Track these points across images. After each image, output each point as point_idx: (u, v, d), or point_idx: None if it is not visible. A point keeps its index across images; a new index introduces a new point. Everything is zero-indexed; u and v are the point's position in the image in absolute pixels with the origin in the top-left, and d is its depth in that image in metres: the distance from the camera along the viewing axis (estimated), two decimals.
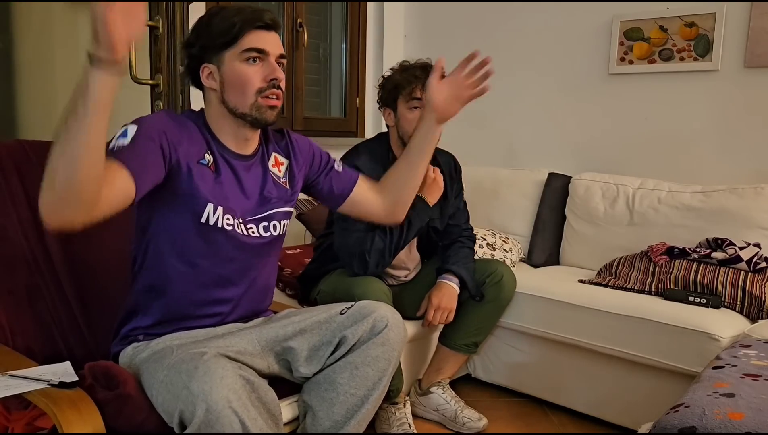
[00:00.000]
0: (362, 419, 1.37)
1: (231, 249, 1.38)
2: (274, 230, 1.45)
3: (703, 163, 2.59)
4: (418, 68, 1.96)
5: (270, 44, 1.34)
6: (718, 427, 1.13)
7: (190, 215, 1.33)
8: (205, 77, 1.36)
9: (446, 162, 2.14)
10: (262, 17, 1.33)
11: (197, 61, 1.36)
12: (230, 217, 1.36)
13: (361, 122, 3.44)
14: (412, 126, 1.92)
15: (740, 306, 2.02)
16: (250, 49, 1.32)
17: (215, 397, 1.08)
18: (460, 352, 2.12)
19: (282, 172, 1.49)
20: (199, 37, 1.35)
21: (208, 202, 1.32)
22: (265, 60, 1.33)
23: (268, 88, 1.33)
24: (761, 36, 2.41)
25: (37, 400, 1.17)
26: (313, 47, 3.25)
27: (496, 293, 2.06)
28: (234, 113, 1.35)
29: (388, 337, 1.37)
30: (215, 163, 1.36)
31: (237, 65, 1.32)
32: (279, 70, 1.35)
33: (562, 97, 2.96)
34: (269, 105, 1.34)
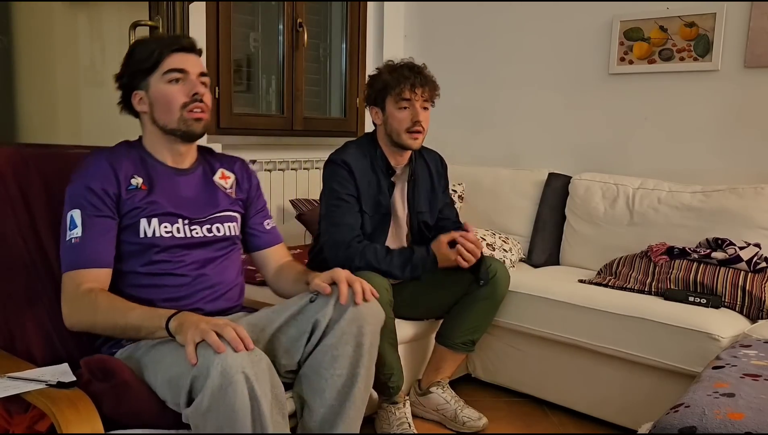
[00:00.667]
0: (359, 399, 1.39)
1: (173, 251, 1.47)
2: (218, 232, 1.55)
3: (703, 163, 2.59)
4: (406, 68, 1.99)
5: (190, 64, 1.48)
6: (718, 427, 1.13)
7: (130, 238, 1.44)
8: (136, 103, 1.50)
9: (432, 159, 2.19)
10: (179, 41, 1.49)
11: (128, 89, 1.50)
12: (168, 224, 1.46)
13: (361, 122, 3.44)
14: (402, 125, 1.97)
15: (740, 306, 2.01)
16: (171, 70, 1.45)
17: (230, 361, 1.12)
18: (457, 351, 2.12)
19: (229, 185, 1.62)
20: (126, 68, 1.50)
21: (141, 219, 1.44)
22: (187, 79, 1.46)
23: (192, 102, 1.46)
24: (761, 36, 2.41)
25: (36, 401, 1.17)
26: (313, 47, 3.25)
27: (491, 290, 2.06)
28: (164, 130, 1.49)
29: (357, 312, 1.39)
30: (148, 179, 1.48)
31: (161, 86, 1.46)
32: (200, 85, 1.48)
33: (562, 97, 2.96)
34: (194, 117, 1.47)
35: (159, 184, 1.48)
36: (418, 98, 1.96)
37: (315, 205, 2.77)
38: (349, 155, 1.99)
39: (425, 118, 2.00)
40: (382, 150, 2.05)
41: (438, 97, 2.04)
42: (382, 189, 2.02)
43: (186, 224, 1.49)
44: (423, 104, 1.99)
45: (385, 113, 2.01)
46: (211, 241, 1.53)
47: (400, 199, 2.10)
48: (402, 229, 2.13)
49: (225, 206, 1.57)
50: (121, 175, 1.44)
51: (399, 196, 2.10)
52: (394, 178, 2.07)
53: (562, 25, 2.92)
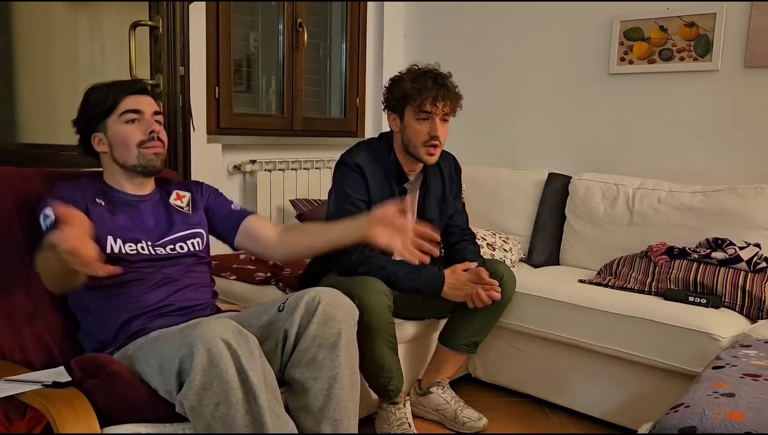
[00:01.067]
0: (343, 398, 1.39)
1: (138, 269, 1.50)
2: (182, 250, 1.60)
3: (703, 163, 2.59)
4: (430, 78, 1.91)
5: (144, 105, 1.56)
6: (718, 427, 1.13)
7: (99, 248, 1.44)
8: (96, 144, 1.57)
9: (446, 162, 2.14)
10: (132, 85, 1.59)
11: (87, 132, 1.57)
12: (132, 244, 1.51)
13: (361, 122, 3.44)
14: (419, 137, 1.92)
15: (740, 306, 2.01)
16: (127, 111, 1.54)
17: (214, 337, 1.16)
18: (459, 352, 2.12)
19: (185, 203, 1.69)
20: (83, 113, 1.57)
21: (108, 235, 1.48)
22: (142, 118, 1.55)
23: (148, 141, 1.54)
24: (761, 36, 2.41)
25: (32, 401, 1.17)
26: (313, 47, 3.25)
27: None
28: (125, 167, 1.56)
29: (325, 312, 1.40)
30: (111, 205, 1.54)
31: (119, 127, 1.54)
32: (155, 124, 1.56)
33: (562, 97, 2.96)
34: (153, 152, 1.55)
35: (121, 211, 1.55)
36: (438, 112, 1.90)
37: (315, 205, 2.77)
38: (362, 158, 1.95)
39: (444, 132, 1.94)
40: (396, 156, 2.01)
41: (460, 108, 1.98)
42: (394, 197, 2.00)
43: (149, 246, 1.54)
44: (443, 117, 1.93)
45: (403, 122, 1.95)
46: (176, 256, 1.57)
47: (410, 206, 2.09)
48: None
49: (184, 226, 1.63)
50: (87, 196, 1.52)
51: (409, 203, 2.08)
52: (406, 185, 2.05)
53: (562, 25, 2.92)
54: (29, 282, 1.50)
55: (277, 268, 2.37)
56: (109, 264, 1.42)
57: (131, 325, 1.47)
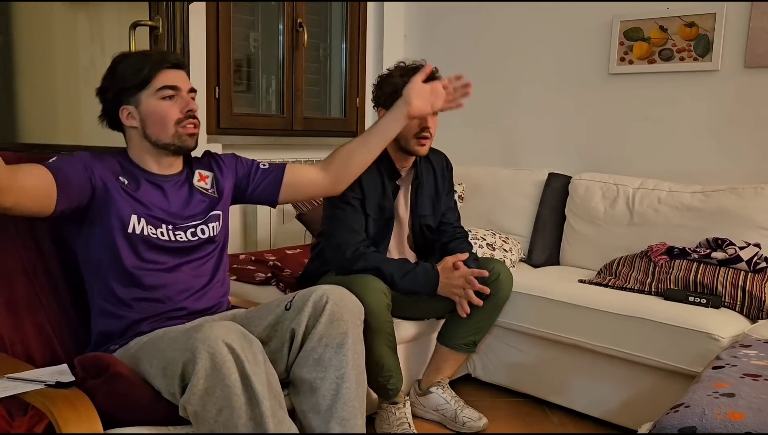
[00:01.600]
0: (351, 398, 1.37)
1: (156, 254, 1.48)
2: (202, 234, 1.57)
3: (703, 163, 2.59)
4: None
5: (180, 81, 1.51)
6: (718, 427, 1.13)
7: (118, 227, 1.45)
8: (124, 118, 1.51)
9: (438, 159, 2.17)
10: (168, 58, 1.51)
11: (114, 105, 1.51)
12: (153, 227, 1.48)
13: (361, 122, 3.44)
14: (410, 131, 1.94)
15: (740, 306, 2.01)
16: (165, 87, 1.48)
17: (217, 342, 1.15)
18: (459, 352, 2.12)
19: (209, 184, 1.64)
20: (112, 82, 1.50)
21: (132, 213, 1.46)
22: (179, 95, 1.50)
23: (186, 119, 1.49)
24: (761, 36, 2.41)
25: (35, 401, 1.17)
26: (313, 47, 3.25)
27: (494, 292, 2.06)
28: (157, 145, 1.51)
29: (332, 312, 1.39)
30: (135, 184, 1.50)
31: (154, 103, 1.48)
32: (192, 102, 1.52)
33: (562, 97, 2.96)
34: (188, 133, 1.51)
35: (144, 189, 1.51)
36: None
37: (315, 204, 2.77)
38: None
39: (434, 124, 1.97)
40: (388, 153, 2.04)
41: None
42: (387, 193, 2.02)
43: (170, 230, 1.51)
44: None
45: None
46: (195, 244, 1.55)
47: (404, 202, 2.10)
48: (404, 232, 2.13)
49: (205, 211, 1.59)
50: (111, 174, 1.47)
51: (402, 199, 2.09)
52: (398, 181, 2.06)
53: (562, 25, 2.92)
54: (32, 273, 1.49)
55: (277, 269, 2.37)
56: (130, 243, 1.45)
57: (141, 325, 1.46)
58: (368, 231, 1.98)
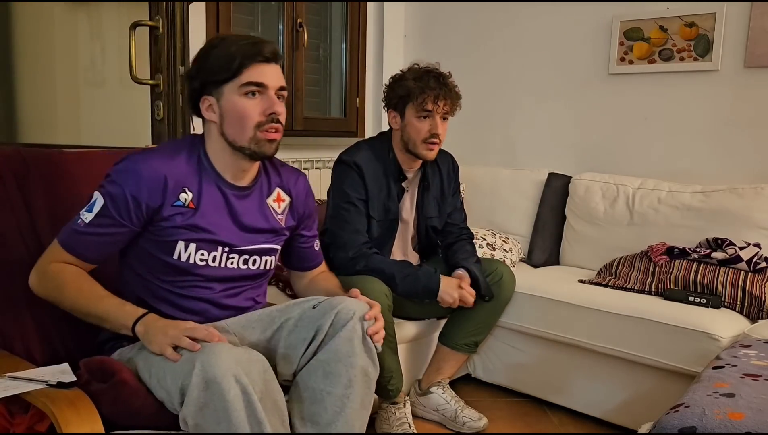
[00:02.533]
0: (352, 417, 1.33)
1: (202, 281, 1.40)
2: (253, 265, 1.46)
3: (703, 163, 2.59)
4: (432, 78, 1.94)
5: (270, 77, 1.35)
6: (718, 427, 1.13)
7: (163, 251, 1.36)
8: (204, 109, 1.38)
9: (444, 161, 2.16)
10: (262, 51, 1.34)
11: (197, 93, 1.38)
12: (204, 253, 1.38)
13: (361, 122, 3.44)
14: (420, 134, 1.94)
15: (740, 306, 2.01)
16: (250, 84, 1.33)
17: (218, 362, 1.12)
18: (459, 352, 2.12)
19: (281, 209, 1.51)
20: (200, 70, 1.36)
21: (179, 240, 1.35)
22: (265, 93, 1.34)
23: (267, 123, 1.35)
24: (761, 36, 2.41)
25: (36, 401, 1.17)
26: (313, 47, 3.24)
27: (496, 293, 2.06)
28: (233, 146, 1.37)
29: (354, 329, 1.34)
30: (198, 195, 1.37)
31: (236, 99, 1.33)
32: (279, 103, 1.36)
33: (562, 97, 2.96)
34: (268, 139, 1.36)
35: (208, 204, 1.38)
36: (439, 110, 1.94)
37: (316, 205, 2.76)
38: (361, 157, 1.97)
39: (443, 129, 1.98)
40: (395, 154, 2.03)
41: (460, 108, 2.01)
42: (392, 195, 2.01)
43: (225, 252, 1.40)
44: (443, 115, 1.97)
45: (403, 120, 1.98)
46: (245, 275, 1.46)
47: (409, 204, 2.10)
48: (408, 233, 2.13)
49: (268, 239, 1.48)
50: (170, 187, 1.33)
51: (408, 201, 2.09)
52: (405, 183, 2.06)
53: (562, 25, 2.92)
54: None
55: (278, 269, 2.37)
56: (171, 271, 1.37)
57: None
58: (372, 232, 1.98)
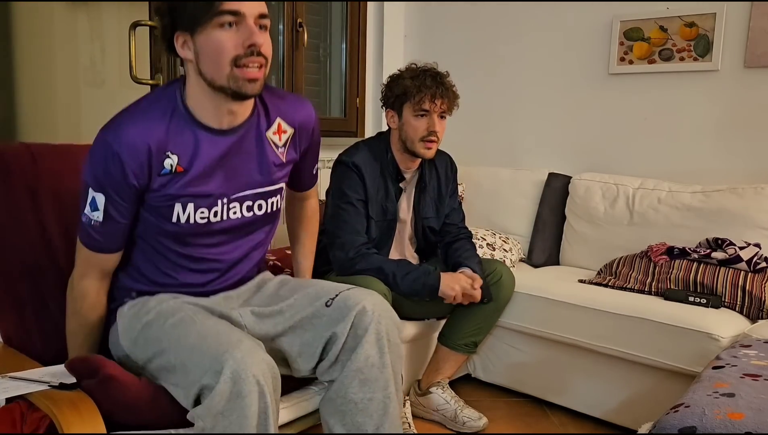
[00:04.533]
0: (395, 416, 1.35)
1: (206, 237, 1.35)
2: (259, 210, 1.39)
3: (703, 163, 2.59)
4: (429, 76, 1.95)
5: (246, 4, 1.18)
6: (718, 427, 1.13)
7: (161, 217, 1.32)
8: (179, 47, 1.24)
9: (442, 161, 2.17)
10: None
11: (170, 29, 1.24)
12: (205, 210, 1.31)
13: (361, 122, 3.44)
14: (417, 132, 1.95)
15: (740, 306, 2.02)
16: (223, 12, 1.17)
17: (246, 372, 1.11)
18: (459, 352, 2.12)
19: (282, 141, 1.39)
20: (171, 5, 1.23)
21: (175, 203, 1.29)
22: (242, 23, 1.19)
23: (246, 56, 1.19)
24: (761, 36, 2.41)
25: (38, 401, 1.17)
26: (313, 47, 3.24)
27: (496, 293, 2.06)
28: (212, 86, 1.23)
29: (378, 331, 1.33)
30: (185, 154, 1.27)
31: (210, 32, 1.19)
32: (258, 33, 1.20)
33: (562, 97, 2.96)
34: (247, 78, 1.21)
35: (198, 158, 1.28)
36: (436, 109, 1.95)
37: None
38: (359, 158, 1.97)
39: (441, 128, 1.98)
40: (393, 154, 2.04)
41: (457, 107, 2.02)
42: (390, 195, 2.02)
43: (225, 204, 1.33)
44: (441, 114, 1.98)
45: (401, 119, 1.99)
46: (249, 221, 1.39)
47: (407, 204, 2.10)
48: (406, 234, 2.13)
49: (271, 178, 1.38)
50: (154, 156, 1.24)
51: (406, 201, 2.09)
52: (402, 184, 2.06)
53: (562, 25, 2.92)
54: (39, 270, 1.47)
55: (278, 269, 2.37)
56: (173, 234, 1.31)
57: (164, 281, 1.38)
58: (371, 233, 1.98)
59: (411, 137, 1.96)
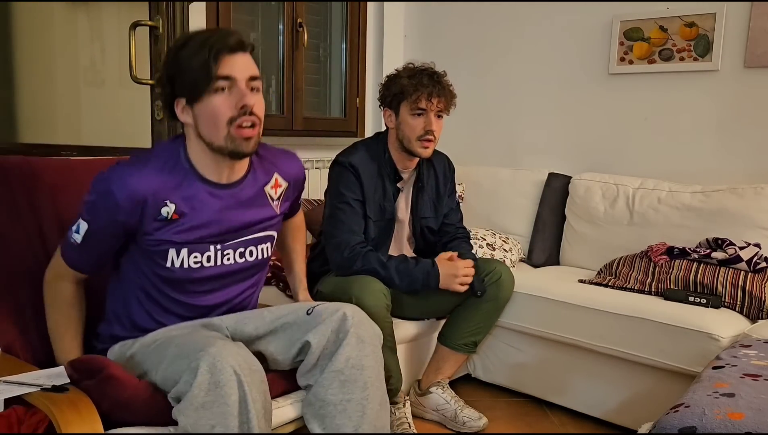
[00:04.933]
0: (373, 417, 1.36)
1: (198, 283, 1.40)
2: (250, 256, 1.45)
3: (703, 163, 2.59)
4: (426, 76, 1.95)
5: (237, 68, 1.27)
6: (718, 427, 1.13)
7: (155, 262, 1.36)
8: (179, 111, 1.33)
9: (440, 161, 2.17)
10: (226, 41, 1.27)
11: (171, 96, 1.33)
12: (198, 254, 1.37)
13: (361, 122, 3.44)
14: (414, 131, 1.95)
15: (740, 306, 2.01)
16: (216, 78, 1.25)
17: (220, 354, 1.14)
18: (459, 352, 2.12)
19: (278, 195, 1.49)
20: (168, 75, 1.31)
21: (169, 249, 1.34)
22: (235, 86, 1.27)
23: (240, 117, 1.27)
24: (761, 36, 2.41)
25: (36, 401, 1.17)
26: (313, 47, 3.24)
27: (495, 292, 2.06)
28: (211, 147, 1.32)
29: (359, 335, 1.36)
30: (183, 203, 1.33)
31: (206, 98, 1.27)
32: (250, 95, 1.28)
33: (562, 97, 2.96)
34: (243, 136, 1.29)
35: (195, 207, 1.35)
36: (433, 108, 1.94)
37: (315, 204, 2.77)
38: (356, 158, 1.98)
39: (438, 127, 1.98)
40: (391, 154, 2.04)
41: (454, 106, 2.02)
42: (388, 195, 2.02)
43: (218, 250, 1.39)
44: (438, 113, 1.97)
45: (398, 118, 1.99)
46: (242, 268, 1.45)
47: (405, 204, 2.10)
48: (404, 233, 2.13)
49: (265, 224, 1.46)
50: (150, 204, 1.30)
51: (404, 201, 2.09)
52: (400, 183, 2.06)
53: (562, 25, 2.92)
54: (38, 277, 1.47)
55: (278, 269, 2.37)
56: (167, 280, 1.37)
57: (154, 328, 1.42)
58: (369, 233, 1.98)
59: (408, 136, 1.96)
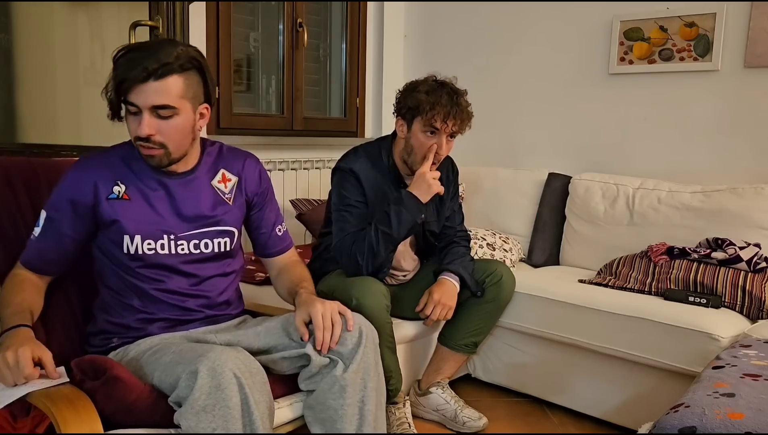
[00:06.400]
0: (370, 418, 1.38)
1: (159, 269, 1.43)
2: (206, 248, 1.47)
3: (703, 163, 2.59)
4: (445, 94, 1.89)
5: (142, 99, 1.31)
6: (718, 427, 1.13)
7: (114, 247, 1.41)
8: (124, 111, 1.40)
9: (444, 165, 2.14)
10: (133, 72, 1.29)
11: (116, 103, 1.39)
12: (151, 241, 1.41)
13: (361, 122, 3.44)
14: (422, 148, 1.91)
15: (740, 306, 2.01)
16: (129, 102, 1.33)
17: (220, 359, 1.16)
18: (459, 352, 2.12)
19: (228, 189, 1.52)
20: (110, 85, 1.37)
21: (124, 234, 1.39)
22: (139, 113, 1.32)
23: (137, 141, 1.36)
24: (761, 36, 2.41)
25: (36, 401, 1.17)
26: (313, 47, 3.25)
27: (496, 293, 2.06)
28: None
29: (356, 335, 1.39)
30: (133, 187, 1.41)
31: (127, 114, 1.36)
32: (144, 126, 1.32)
33: (562, 97, 2.96)
34: (145, 154, 1.38)
35: (144, 194, 1.41)
36: (447, 129, 1.89)
37: (315, 205, 2.77)
38: (358, 164, 1.96)
39: (448, 148, 1.94)
40: (395, 160, 2.01)
41: (470, 127, 1.96)
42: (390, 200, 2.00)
43: (171, 240, 1.42)
44: (450, 134, 1.92)
45: (410, 131, 1.94)
46: (199, 258, 1.46)
47: None
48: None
49: (215, 221, 1.48)
50: (102, 184, 1.39)
51: None
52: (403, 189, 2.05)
53: (562, 25, 2.92)
54: None
55: None
56: (126, 264, 1.40)
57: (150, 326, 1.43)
58: None
59: (415, 152, 1.93)
